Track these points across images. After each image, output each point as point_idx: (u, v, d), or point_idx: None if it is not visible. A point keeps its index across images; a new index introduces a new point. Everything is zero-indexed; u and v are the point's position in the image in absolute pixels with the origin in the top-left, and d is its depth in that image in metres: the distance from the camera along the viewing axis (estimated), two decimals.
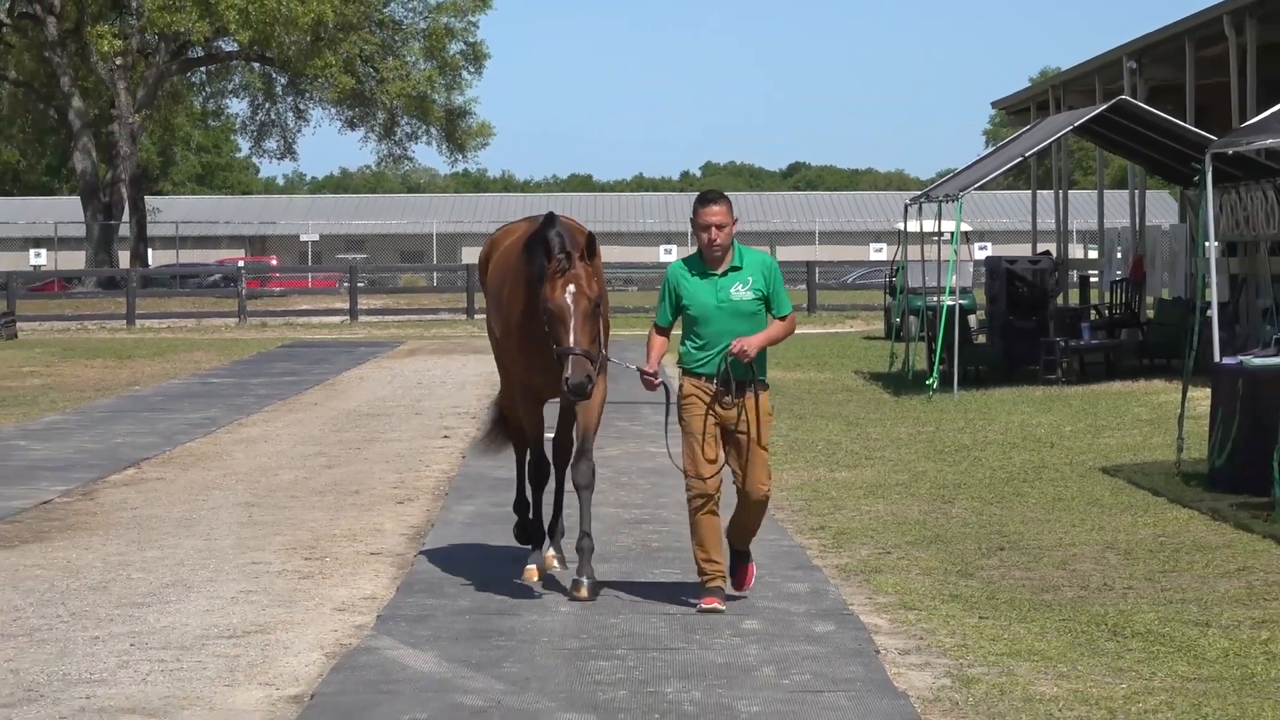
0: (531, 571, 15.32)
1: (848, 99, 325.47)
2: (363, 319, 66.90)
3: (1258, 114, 25.97)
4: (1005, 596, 14.62)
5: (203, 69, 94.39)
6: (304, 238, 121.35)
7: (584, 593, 14.50)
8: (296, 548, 17.56)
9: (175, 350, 50.65)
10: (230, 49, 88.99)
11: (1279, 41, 38.10)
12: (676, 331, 14.28)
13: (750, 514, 14.41)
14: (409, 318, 67.03)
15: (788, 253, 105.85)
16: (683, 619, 13.92)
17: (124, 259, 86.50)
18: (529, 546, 15.83)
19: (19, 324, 60.82)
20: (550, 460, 15.82)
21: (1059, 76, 56.43)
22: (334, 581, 15.82)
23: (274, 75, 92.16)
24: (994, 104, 67.47)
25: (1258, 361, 20.61)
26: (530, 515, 15.90)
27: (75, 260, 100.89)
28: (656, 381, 14.18)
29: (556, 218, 14.95)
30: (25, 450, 26.09)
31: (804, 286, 70.80)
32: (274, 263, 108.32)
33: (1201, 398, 22.12)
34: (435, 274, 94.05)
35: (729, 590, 14.23)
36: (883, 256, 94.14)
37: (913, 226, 41.77)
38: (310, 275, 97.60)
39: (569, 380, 14.06)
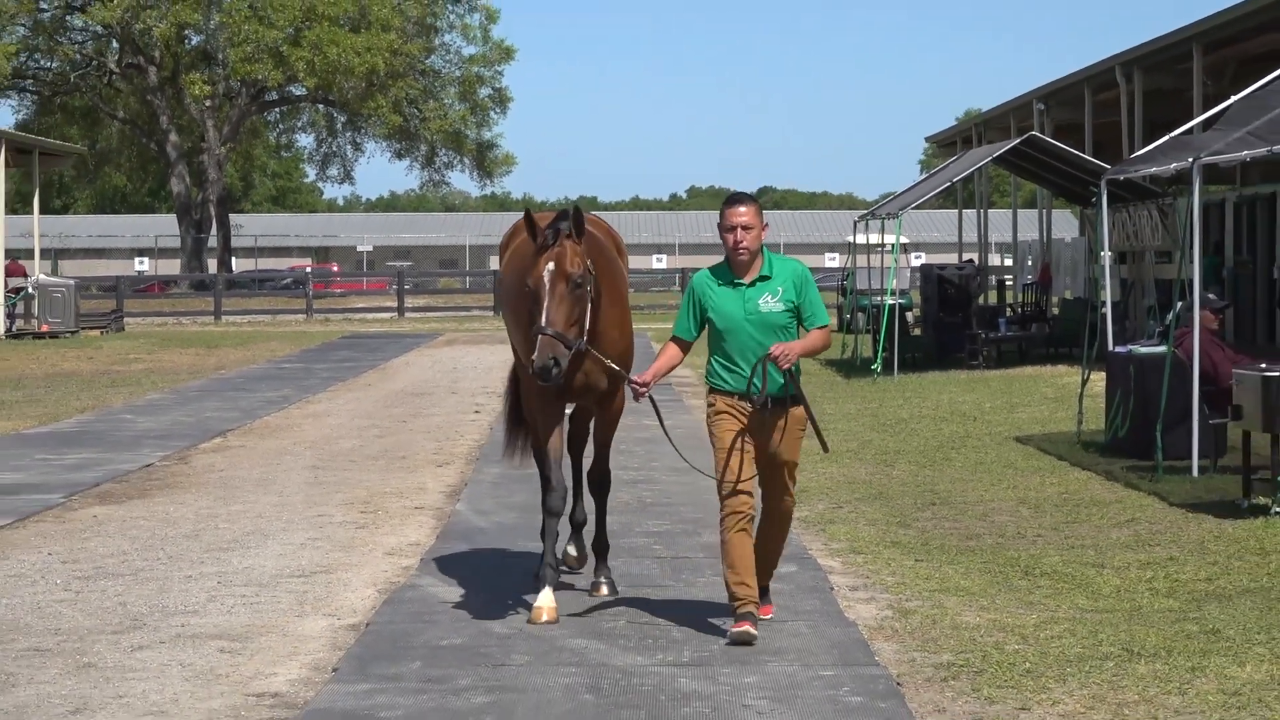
0: (539, 611, 11.56)
1: (807, 133, 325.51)
2: (408, 315, 66.80)
3: (1144, 147, 25.94)
4: (936, 543, 14.63)
5: (276, 109, 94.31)
6: (360, 248, 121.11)
7: (604, 591, 12.27)
8: (354, 503, 17.56)
9: (254, 341, 50.58)
10: (299, 93, 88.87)
11: (1161, 88, 38.18)
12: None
13: (772, 531, 11.35)
14: (447, 314, 66.92)
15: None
16: (671, 562, 13.93)
17: (212, 266, 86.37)
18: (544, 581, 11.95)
19: (126, 319, 60.78)
20: (565, 489, 12.14)
21: (980, 116, 56.45)
22: (385, 531, 15.84)
23: (335, 115, 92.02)
24: (927, 138, 67.54)
25: (1143, 350, 20.63)
26: (546, 548, 12.03)
27: (172, 266, 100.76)
28: (643, 391, 11.10)
29: (569, 211, 11.74)
30: (131, 423, 26.07)
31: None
32: (335, 269, 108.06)
33: (1098, 379, 22.10)
34: (468, 278, 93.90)
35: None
36: (836, 264, 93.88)
37: (860, 239, 41.90)
38: (365, 279, 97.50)
39: (534, 362, 11.15)
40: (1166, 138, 22.17)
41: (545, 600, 11.62)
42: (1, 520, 16.28)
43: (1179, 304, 19.79)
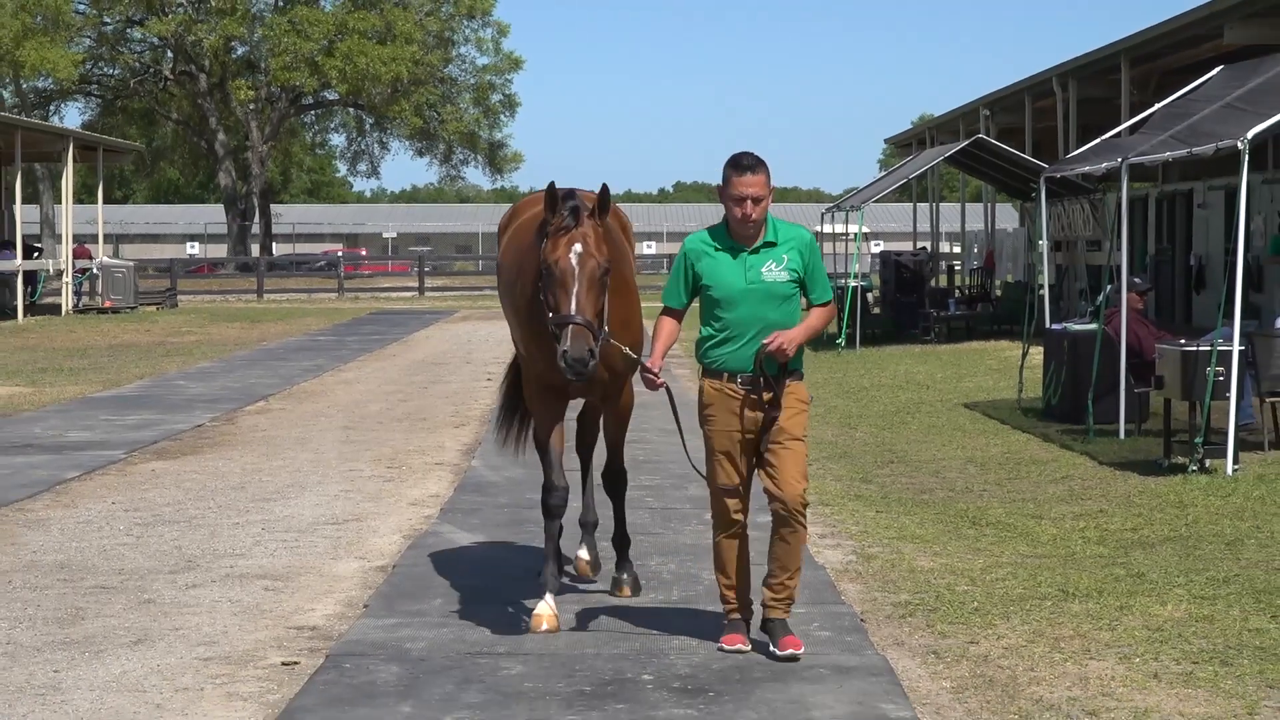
0: (539, 619, 9.63)
1: (780, 134, 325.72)
2: (428, 294, 66.66)
3: (1077, 149, 25.91)
4: (895, 496, 14.63)
5: (312, 112, 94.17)
6: (385, 235, 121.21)
7: (627, 591, 10.45)
8: (381, 459, 17.55)
9: (292, 316, 50.53)
10: (332, 98, 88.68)
11: (1092, 96, 38.22)
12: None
13: (785, 534, 8.86)
14: (462, 293, 66.83)
15: None
16: (661, 512, 13.91)
17: (254, 249, 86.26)
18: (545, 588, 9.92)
19: (179, 296, 60.68)
20: (567, 488, 10.04)
21: (933, 120, 56.42)
22: (409, 484, 15.83)
23: (364, 117, 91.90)
24: (886, 140, 67.51)
25: (1076, 327, 20.67)
26: (547, 551, 10.06)
27: (219, 250, 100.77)
28: (659, 381, 8.97)
29: (574, 191, 9.48)
30: (184, 388, 26.05)
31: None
32: (363, 253, 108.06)
33: (1036, 353, 22.11)
34: (480, 261, 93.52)
35: (772, 647, 8.93)
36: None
37: (827, 229, 41.85)
38: (390, 262, 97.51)
39: (566, 353, 8.81)
40: (1098, 140, 22.16)
41: (545, 608, 9.70)
42: (71, 473, 16.29)
43: (1108, 286, 19.81)
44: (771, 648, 8.89)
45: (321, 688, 8.47)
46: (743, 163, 8.85)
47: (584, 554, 11.11)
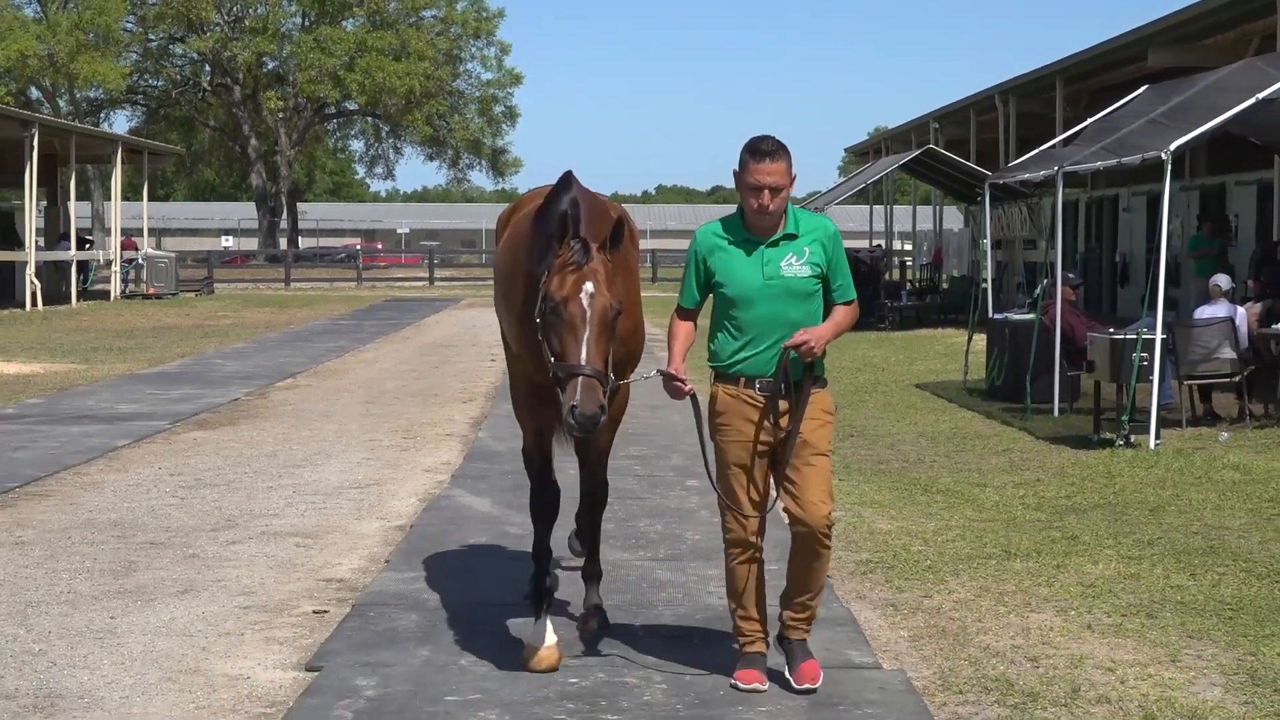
0: (535, 656, 7.67)
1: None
2: (438, 284, 66.60)
3: (1017, 158, 25.92)
4: (855, 467, 14.62)
5: (334, 120, 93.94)
6: (399, 231, 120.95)
7: (592, 624, 8.19)
8: (398, 430, 17.52)
9: (316, 303, 50.46)
10: (352, 108, 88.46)
11: (1030, 112, 38.22)
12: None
13: (808, 557, 7.25)
14: (467, 283, 66.71)
15: None
16: (648, 479, 13.89)
17: (282, 243, 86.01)
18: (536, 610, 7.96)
19: (215, 284, 60.56)
20: (558, 491, 8.44)
21: (888, 132, 56.42)
22: (423, 453, 15.81)
23: (380, 125, 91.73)
24: (846, 149, 67.78)
25: (1016, 316, 20.72)
26: (536, 568, 8.18)
27: (251, 243, 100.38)
28: (686, 389, 7.17)
29: (573, 182, 7.61)
30: (221, 366, 26.00)
31: None
32: (379, 247, 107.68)
33: (979, 340, 22.13)
34: (484, 255, 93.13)
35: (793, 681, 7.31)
36: None
37: None
38: (403, 255, 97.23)
39: (577, 410, 6.88)
40: (1036, 151, 22.22)
41: (539, 636, 7.76)
42: (121, 441, 16.25)
43: (1044, 281, 19.83)
44: (788, 674, 7.35)
45: (349, 633, 8.46)
46: (762, 148, 7.05)
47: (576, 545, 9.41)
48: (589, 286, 7.06)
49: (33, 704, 7.18)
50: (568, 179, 7.64)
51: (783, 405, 7.18)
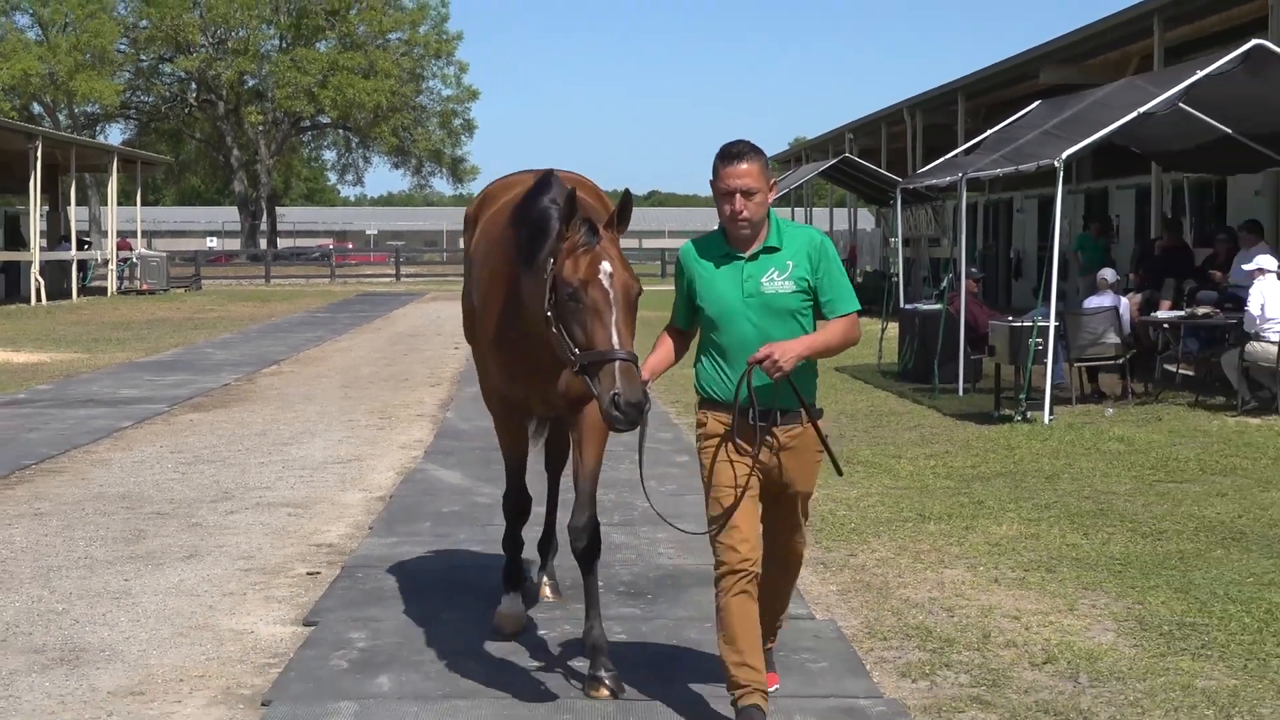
0: (505, 619, 7.42)
1: (683, 150, 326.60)
2: (403, 280, 66.36)
3: (923, 166, 26.09)
4: None
5: (309, 132, 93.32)
6: (368, 232, 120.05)
7: (604, 691, 6.48)
8: (374, 411, 17.50)
9: (294, 297, 50.20)
10: (325, 121, 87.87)
11: (935, 124, 38.38)
12: None
13: (778, 578, 6.22)
14: (430, 279, 66.51)
15: (652, 243, 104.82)
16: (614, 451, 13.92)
17: (262, 243, 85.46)
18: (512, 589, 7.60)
19: (202, 281, 60.15)
20: (530, 498, 7.58)
21: (807, 142, 56.51)
22: (398, 431, 15.79)
23: (350, 137, 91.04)
24: (770, 157, 67.27)
25: (924, 307, 20.89)
26: (510, 556, 7.57)
27: (234, 243, 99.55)
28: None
29: (554, 182, 6.43)
30: (211, 354, 25.87)
31: (659, 261, 70.69)
32: (350, 246, 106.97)
33: (892, 328, 22.29)
34: (445, 253, 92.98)
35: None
36: None
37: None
38: (372, 254, 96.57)
39: (620, 398, 5.54)
40: (941, 160, 22.35)
41: (510, 605, 7.46)
42: (125, 423, 16.18)
43: (949, 275, 19.98)
44: None
45: (340, 592, 8.49)
46: (731, 151, 5.88)
47: (546, 582, 8.28)
48: (606, 266, 5.82)
49: (59, 657, 7.19)
50: (547, 179, 6.48)
51: (781, 436, 5.92)
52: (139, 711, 6.37)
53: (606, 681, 6.50)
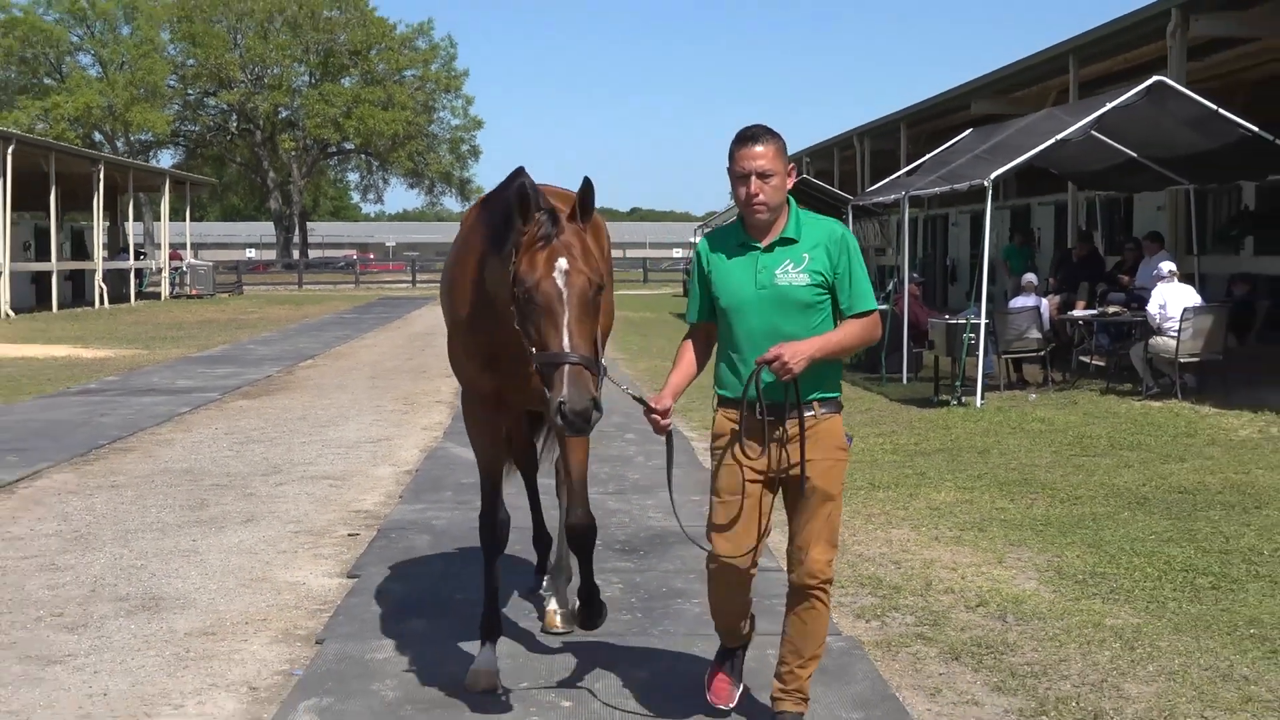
0: (478, 676, 5.73)
1: (658, 167, 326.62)
2: (419, 286, 66.30)
3: (871, 185, 26.23)
4: None
5: (335, 157, 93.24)
6: (387, 244, 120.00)
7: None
8: (399, 399, 17.60)
9: (324, 301, 50.17)
10: (350, 147, 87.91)
11: (881, 149, 38.47)
12: None
13: (802, 614, 5.13)
14: None
15: (635, 253, 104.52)
16: (596, 432, 14.03)
17: (295, 254, 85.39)
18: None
19: (244, 287, 60.10)
20: (508, 519, 6.19)
21: None
22: (420, 415, 15.89)
23: (371, 160, 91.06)
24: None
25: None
26: (485, 597, 6.01)
27: (270, 254, 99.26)
28: (664, 423, 5.11)
29: (523, 172, 5.27)
30: (255, 350, 25.94)
31: (641, 269, 70.63)
32: (371, 256, 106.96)
33: None
34: None
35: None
36: (680, 254, 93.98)
37: (695, 239, 41.91)
38: (391, 263, 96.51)
39: (565, 406, 4.62)
40: (886, 180, 22.49)
41: (484, 662, 5.82)
42: (183, 408, 16.28)
43: (894, 280, 20.10)
44: None
45: (378, 550, 8.63)
46: (746, 133, 4.97)
47: (552, 607, 6.78)
48: (562, 263, 4.86)
49: (141, 605, 7.35)
50: (518, 171, 5.37)
51: (790, 429, 4.95)
52: (213, 648, 6.54)
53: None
